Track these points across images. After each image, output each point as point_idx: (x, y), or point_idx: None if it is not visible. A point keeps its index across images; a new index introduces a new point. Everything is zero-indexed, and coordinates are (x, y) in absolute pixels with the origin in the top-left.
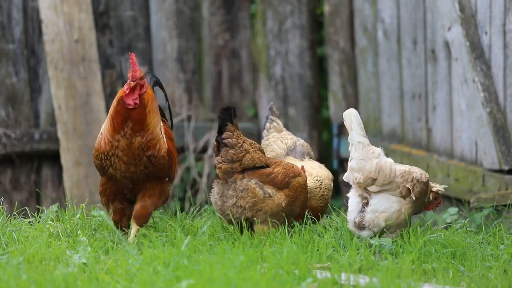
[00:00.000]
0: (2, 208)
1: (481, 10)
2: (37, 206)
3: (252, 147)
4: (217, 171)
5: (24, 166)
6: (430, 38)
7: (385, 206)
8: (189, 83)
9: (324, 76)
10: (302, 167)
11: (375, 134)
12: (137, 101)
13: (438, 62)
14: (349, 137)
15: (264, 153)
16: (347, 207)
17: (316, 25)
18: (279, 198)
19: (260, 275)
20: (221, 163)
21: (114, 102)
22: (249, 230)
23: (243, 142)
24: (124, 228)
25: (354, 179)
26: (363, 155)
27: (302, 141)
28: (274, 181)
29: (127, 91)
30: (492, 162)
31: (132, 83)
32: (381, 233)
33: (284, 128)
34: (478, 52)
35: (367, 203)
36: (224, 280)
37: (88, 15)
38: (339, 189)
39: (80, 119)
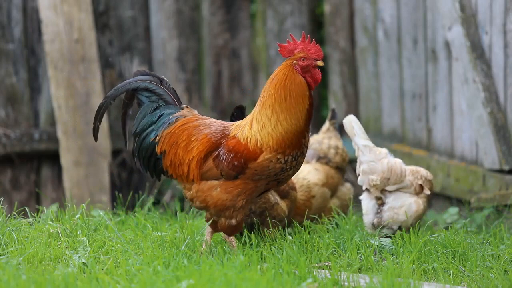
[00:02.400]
0: (2, 208)
1: (481, 10)
2: (37, 206)
3: None
4: None
5: (24, 166)
6: (430, 38)
7: (402, 201)
8: (189, 83)
9: (324, 76)
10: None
11: (375, 134)
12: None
13: (438, 62)
14: (353, 143)
15: None
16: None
17: (316, 25)
18: (284, 205)
19: (260, 275)
20: None
21: (295, 90)
22: (259, 230)
23: None
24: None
25: (370, 181)
26: (372, 158)
27: (319, 145)
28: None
29: (315, 74)
30: (493, 162)
31: (321, 63)
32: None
33: (331, 129)
34: (478, 52)
35: (382, 204)
36: (224, 280)
37: (88, 15)
38: None
39: (80, 119)
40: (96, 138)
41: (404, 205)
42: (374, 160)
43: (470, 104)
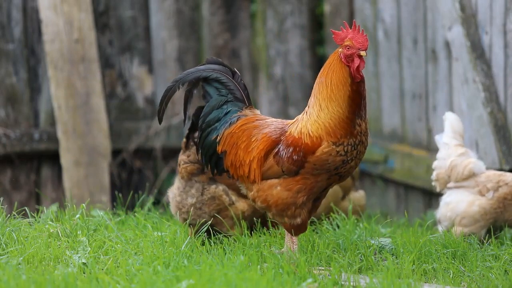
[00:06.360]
0: (2, 208)
1: (481, 10)
2: (37, 206)
3: None
4: (182, 170)
5: (24, 166)
6: (430, 38)
7: (452, 198)
8: None
9: None
10: None
11: (375, 134)
12: (362, 73)
13: (438, 62)
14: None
15: None
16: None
17: (316, 25)
18: (242, 205)
19: (260, 275)
20: (187, 163)
21: (336, 78)
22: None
23: None
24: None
25: (432, 176)
26: (445, 155)
27: None
28: (235, 185)
29: (356, 63)
30: (493, 162)
31: (364, 53)
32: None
33: None
34: (478, 52)
35: None
36: (224, 280)
37: (88, 14)
38: None
39: (80, 119)
40: (160, 121)
41: (453, 203)
42: (445, 158)
43: (470, 104)
